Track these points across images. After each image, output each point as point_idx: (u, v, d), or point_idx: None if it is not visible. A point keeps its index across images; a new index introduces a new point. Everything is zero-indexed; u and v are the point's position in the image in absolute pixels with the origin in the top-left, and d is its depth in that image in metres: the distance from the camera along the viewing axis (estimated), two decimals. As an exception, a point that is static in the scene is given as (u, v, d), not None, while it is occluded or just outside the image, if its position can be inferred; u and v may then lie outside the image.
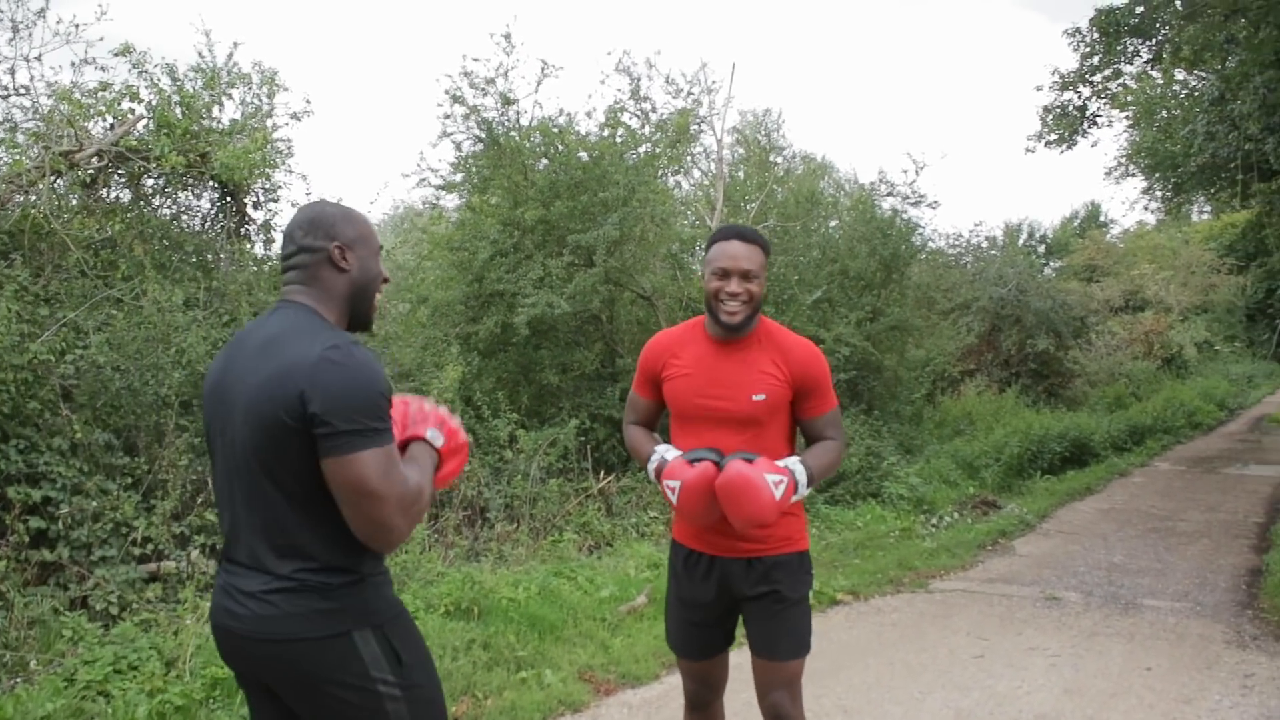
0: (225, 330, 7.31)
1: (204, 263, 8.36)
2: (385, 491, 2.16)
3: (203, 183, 8.27)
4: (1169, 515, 11.50)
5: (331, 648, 2.24)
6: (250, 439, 2.23)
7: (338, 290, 2.40)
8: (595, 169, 10.25)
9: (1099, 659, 6.24)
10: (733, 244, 3.18)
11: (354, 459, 2.14)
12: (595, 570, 7.20)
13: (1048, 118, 13.41)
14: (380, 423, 2.19)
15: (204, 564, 6.00)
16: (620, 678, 5.72)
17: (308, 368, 2.16)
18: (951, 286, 18.37)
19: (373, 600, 2.32)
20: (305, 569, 2.24)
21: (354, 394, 2.16)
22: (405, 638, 2.37)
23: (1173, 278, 28.16)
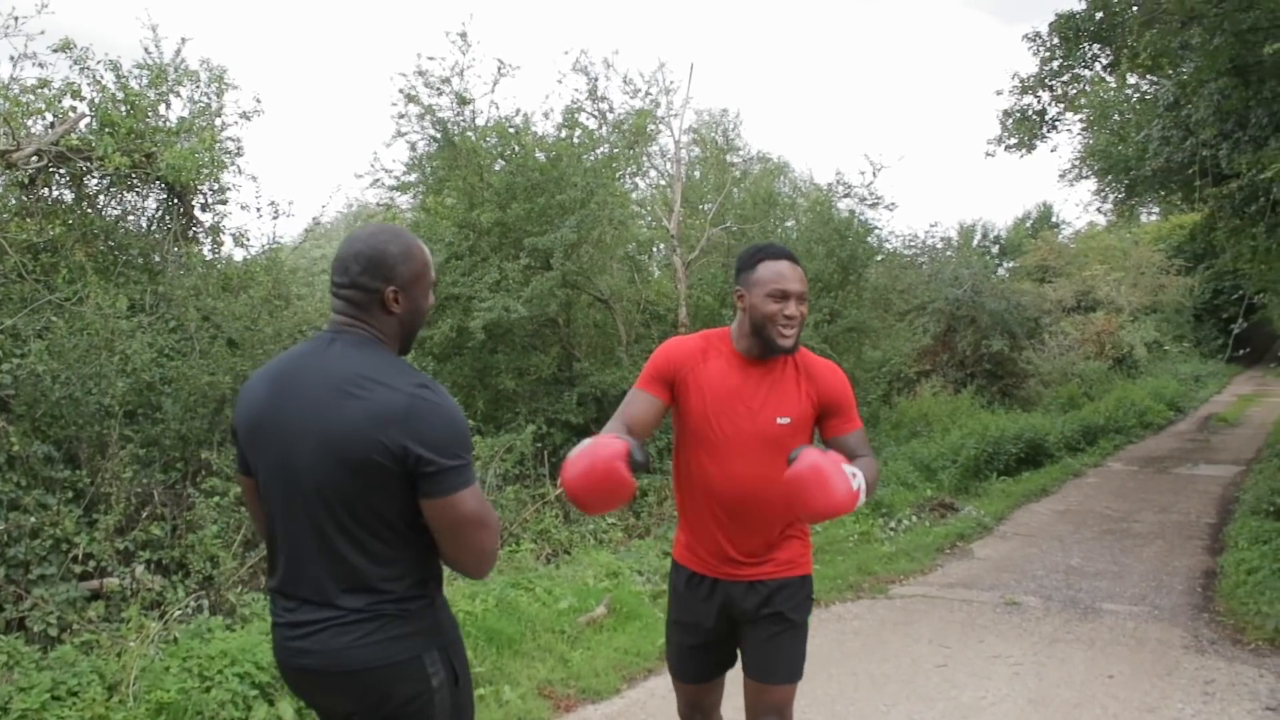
0: (172, 336, 7.11)
1: (149, 266, 8.12)
2: (490, 520, 2.29)
3: (148, 184, 8.03)
4: (1123, 516, 11.57)
5: (405, 672, 2.31)
6: (330, 478, 2.24)
7: (387, 328, 2.40)
8: (553, 170, 10.11)
9: (1061, 667, 6.22)
10: (784, 264, 3.06)
11: (462, 496, 2.22)
12: (554, 580, 7.07)
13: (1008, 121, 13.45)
14: (471, 456, 2.28)
15: (149, 580, 5.80)
16: (580, 693, 5.61)
17: (403, 410, 2.20)
18: (908, 288, 18.41)
19: (442, 622, 2.41)
20: (383, 600, 2.29)
21: (452, 432, 2.23)
22: (462, 659, 2.47)
23: (1123, 278, 28.49)
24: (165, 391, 6.74)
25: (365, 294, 2.35)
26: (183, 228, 8.03)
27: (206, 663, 4.79)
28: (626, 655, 6.13)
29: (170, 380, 6.72)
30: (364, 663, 2.28)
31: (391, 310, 2.36)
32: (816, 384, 3.13)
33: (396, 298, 2.36)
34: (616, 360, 10.92)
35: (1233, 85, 9.34)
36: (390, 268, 2.35)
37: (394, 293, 2.35)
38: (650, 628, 6.64)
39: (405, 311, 2.40)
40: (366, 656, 2.27)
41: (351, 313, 2.36)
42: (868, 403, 14.69)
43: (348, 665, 2.29)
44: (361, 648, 2.28)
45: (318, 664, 2.31)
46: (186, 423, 6.71)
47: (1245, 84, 9.15)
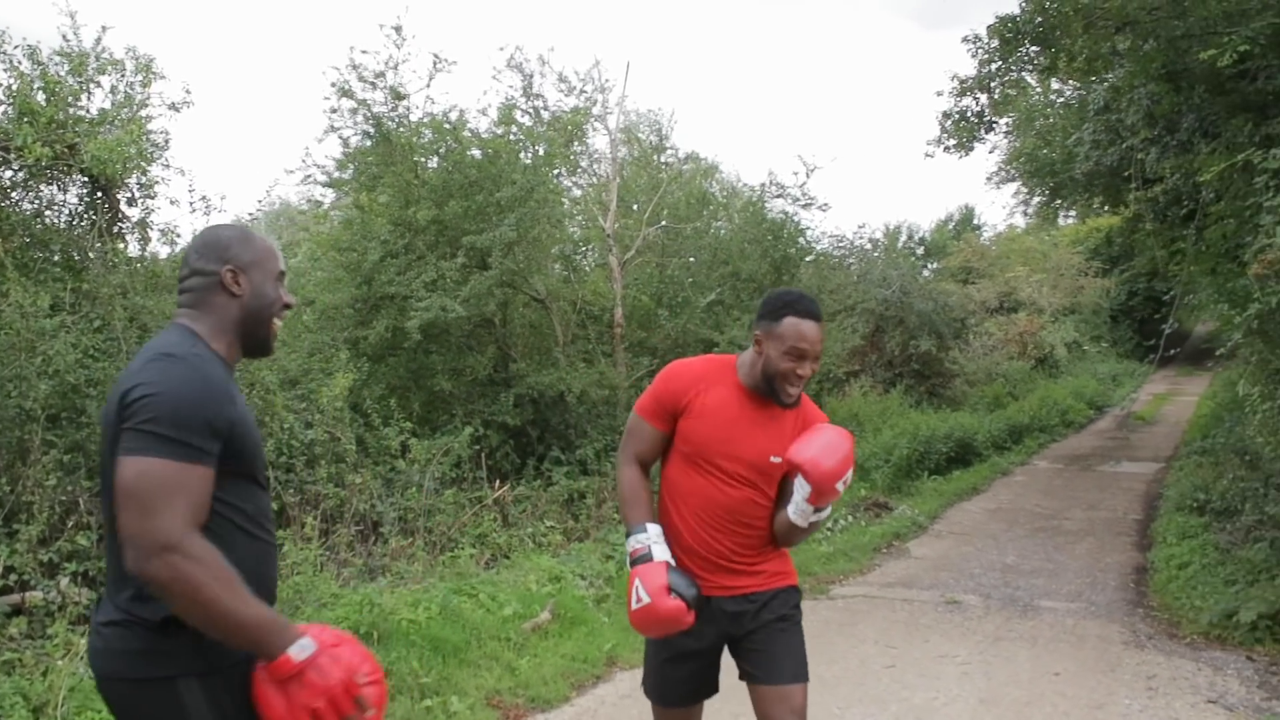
0: (97, 336, 6.80)
1: (71, 262, 7.79)
2: (155, 507, 1.92)
3: (70, 176, 7.69)
4: (1054, 514, 11.75)
5: (151, 693, 2.06)
6: (103, 463, 2.13)
7: (229, 315, 2.29)
8: (490, 168, 9.94)
9: (1008, 665, 6.25)
10: (808, 325, 3.06)
11: (127, 461, 1.95)
12: (496, 586, 6.92)
13: (946, 123, 13.60)
14: (182, 435, 1.98)
15: (75, 594, 5.51)
16: (529, 701, 5.49)
17: (132, 374, 2.07)
18: (837, 288, 18.52)
19: (204, 645, 2.05)
20: (137, 598, 2.05)
21: (165, 399, 2.00)
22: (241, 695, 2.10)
23: (1044, 280, 29.05)
24: (90, 394, 6.44)
25: (204, 278, 2.28)
26: (108, 223, 7.68)
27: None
28: (574, 662, 6.02)
29: (96, 382, 6.42)
30: (110, 671, 2.09)
31: (234, 292, 2.29)
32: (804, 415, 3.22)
33: (237, 279, 2.29)
34: (553, 361, 10.79)
35: (1163, 90, 9.53)
36: (225, 247, 2.31)
37: (231, 272, 2.28)
38: (596, 633, 6.54)
39: (249, 295, 2.31)
40: (114, 666, 2.08)
41: (190, 303, 2.28)
42: (799, 403, 14.68)
43: (100, 670, 2.12)
44: (112, 654, 2.08)
45: (90, 661, 2.17)
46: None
47: (1176, 89, 9.34)
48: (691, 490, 3.19)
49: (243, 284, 2.29)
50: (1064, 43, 9.47)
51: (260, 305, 2.33)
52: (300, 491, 7.30)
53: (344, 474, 7.68)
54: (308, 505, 7.28)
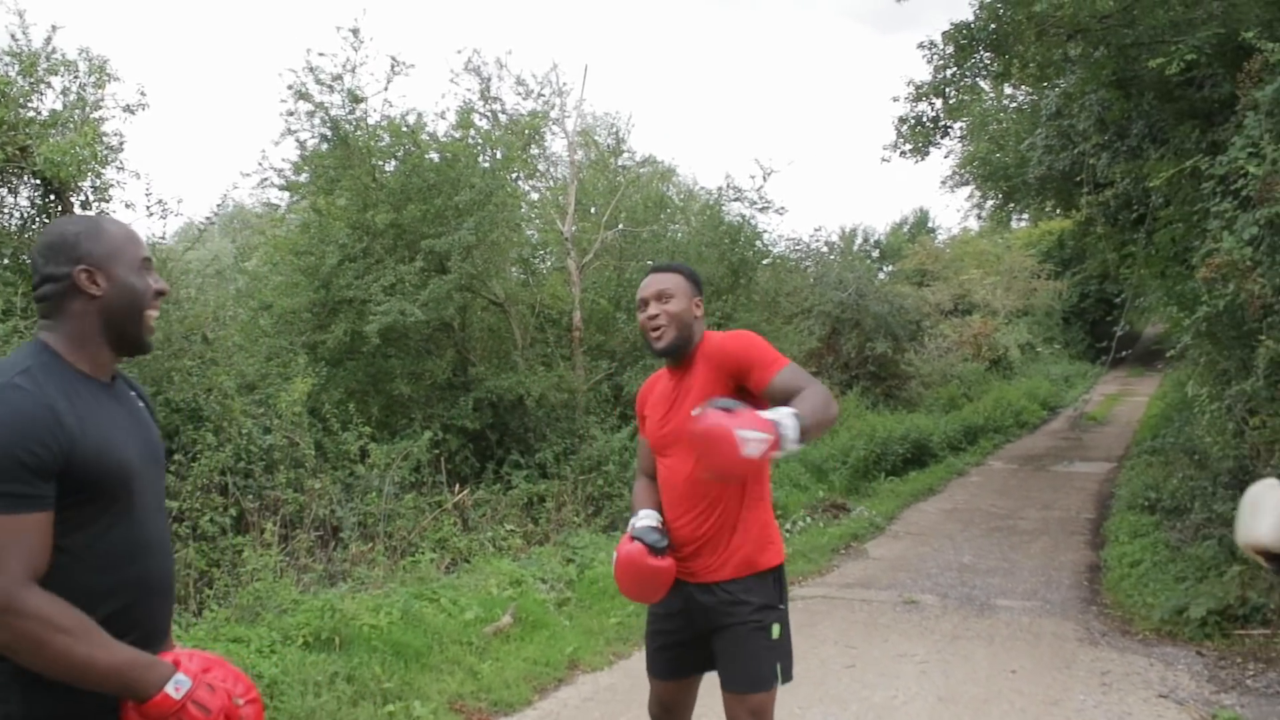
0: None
1: (22, 266, 7.67)
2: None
3: (21, 179, 7.58)
4: (1009, 514, 11.90)
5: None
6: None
7: (90, 318, 2.06)
8: (449, 171, 9.91)
9: (965, 663, 6.33)
10: (649, 276, 3.34)
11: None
12: (457, 590, 6.91)
13: (902, 128, 13.75)
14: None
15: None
16: (492, 705, 5.49)
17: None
18: (794, 291, 18.64)
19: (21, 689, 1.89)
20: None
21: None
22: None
23: (998, 282, 29.40)
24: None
25: (56, 284, 2.04)
26: (61, 226, 7.58)
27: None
28: (536, 665, 6.02)
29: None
30: None
31: (92, 293, 2.05)
32: (713, 357, 3.16)
33: (94, 278, 2.05)
34: (512, 364, 10.78)
35: (1113, 97, 9.70)
36: (74, 245, 2.05)
37: (85, 272, 2.04)
38: (557, 636, 6.55)
39: (111, 293, 2.07)
40: None
41: (47, 313, 2.06)
42: (756, 405, 14.75)
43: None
44: None
45: None
46: (68, 433, 6.34)
47: (1125, 96, 9.51)
48: (662, 481, 3.34)
49: (101, 282, 2.06)
50: (1017, 49, 9.62)
51: (126, 301, 2.09)
52: (259, 497, 7.25)
53: (303, 479, 7.62)
54: (267, 511, 7.22)
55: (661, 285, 3.25)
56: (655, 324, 3.22)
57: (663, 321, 3.20)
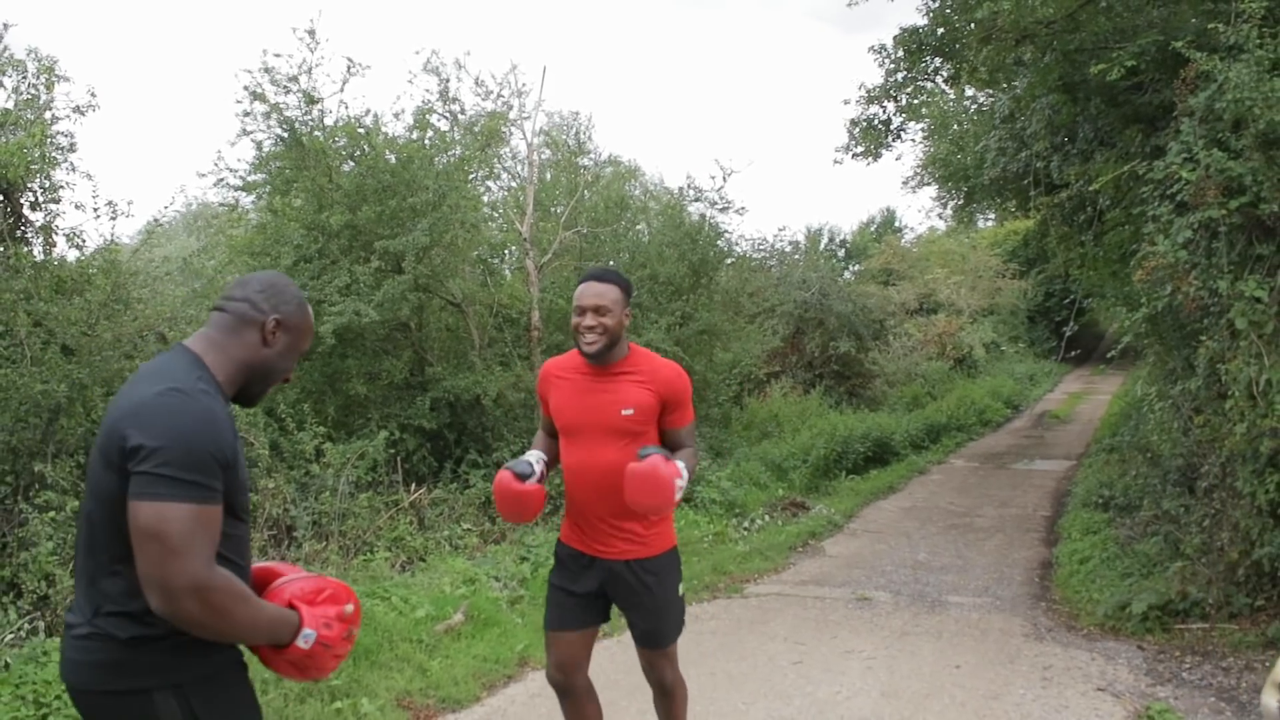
0: (0, 342, 6.69)
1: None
2: (181, 548, 2.00)
3: (-32, 180, 7.53)
4: (966, 512, 12.02)
5: (126, 704, 2.13)
6: (92, 478, 2.19)
7: (248, 357, 2.34)
8: (404, 172, 9.92)
9: (911, 659, 6.42)
10: (588, 284, 3.65)
11: (159, 506, 2.01)
12: (410, 589, 6.94)
13: (855, 130, 13.88)
14: (198, 477, 2.04)
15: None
16: (440, 702, 5.54)
17: (138, 405, 2.08)
18: (757, 290, 18.74)
19: (185, 659, 2.16)
20: (107, 614, 2.12)
21: (177, 440, 2.04)
22: (214, 703, 2.21)
23: (963, 282, 29.63)
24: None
25: (252, 310, 2.33)
26: (10, 227, 7.54)
27: (42, 688, 4.55)
28: (485, 663, 6.07)
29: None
30: (82, 683, 2.17)
31: (267, 341, 2.35)
32: (657, 379, 3.66)
33: (276, 330, 2.35)
34: (469, 364, 10.80)
35: (1062, 101, 9.83)
36: (285, 301, 2.38)
37: (276, 323, 2.35)
38: (509, 634, 6.60)
39: (274, 353, 2.37)
40: (87, 678, 2.16)
41: (222, 329, 2.32)
42: (719, 404, 14.88)
43: (72, 682, 2.20)
44: (84, 667, 2.16)
45: (62, 672, 2.24)
46: (17, 434, 6.33)
47: (1074, 100, 9.64)
48: (569, 466, 3.76)
49: (277, 339, 2.36)
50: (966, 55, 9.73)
51: (277, 367, 2.40)
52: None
53: (257, 479, 7.64)
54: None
55: (600, 300, 3.58)
56: (590, 335, 3.58)
57: (598, 334, 3.57)
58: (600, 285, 3.62)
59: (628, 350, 3.71)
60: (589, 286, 3.63)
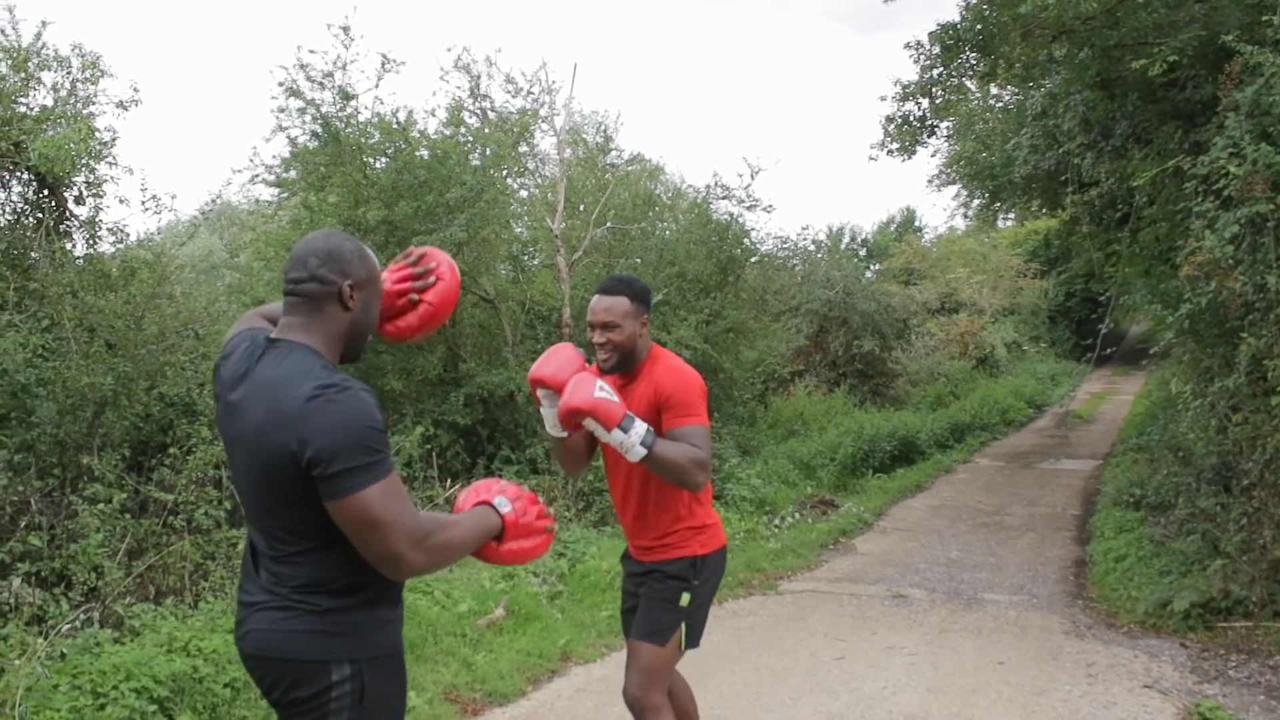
0: (46, 335, 6.73)
1: (14, 260, 7.68)
2: (389, 520, 2.17)
3: (13, 174, 7.59)
4: (995, 510, 12.01)
5: (305, 671, 2.29)
6: (250, 471, 2.31)
7: (338, 327, 2.39)
8: (440, 169, 9.95)
9: (953, 655, 6.42)
10: (597, 298, 3.55)
11: (356, 498, 2.16)
12: (450, 583, 6.97)
13: (889, 127, 13.86)
14: (375, 456, 2.18)
15: (29, 594, 5.47)
16: (486, 696, 5.55)
17: (297, 413, 2.17)
18: (781, 289, 18.72)
19: (366, 636, 2.32)
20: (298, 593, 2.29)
21: (346, 433, 2.16)
22: (386, 682, 2.37)
23: (985, 281, 29.51)
24: (39, 394, 6.38)
25: (323, 287, 2.35)
26: (55, 221, 7.59)
27: (99, 679, 4.57)
28: (529, 657, 6.09)
29: (46, 382, 6.36)
30: (270, 649, 2.31)
31: (348, 306, 2.38)
32: (655, 383, 3.49)
33: (353, 294, 2.38)
34: (502, 360, 10.82)
35: (1098, 97, 9.80)
36: (348, 262, 2.38)
37: (350, 287, 2.37)
38: (550, 629, 6.62)
39: (359, 311, 2.42)
40: (274, 645, 2.31)
41: (305, 312, 2.37)
42: (744, 402, 14.89)
43: (256, 648, 2.34)
44: (272, 635, 2.31)
45: (245, 645, 2.38)
46: (64, 426, 6.36)
47: (1110, 96, 9.61)
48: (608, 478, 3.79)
49: (356, 300, 2.39)
50: (1003, 50, 9.70)
51: (366, 321, 2.46)
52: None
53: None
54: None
55: (609, 316, 3.49)
56: (601, 353, 3.53)
57: (608, 350, 3.51)
58: (609, 299, 3.52)
59: (646, 355, 3.60)
60: (598, 301, 3.54)
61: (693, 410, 3.44)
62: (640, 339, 3.54)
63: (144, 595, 5.96)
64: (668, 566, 3.59)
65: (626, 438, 3.19)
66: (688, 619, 3.57)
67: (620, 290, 3.54)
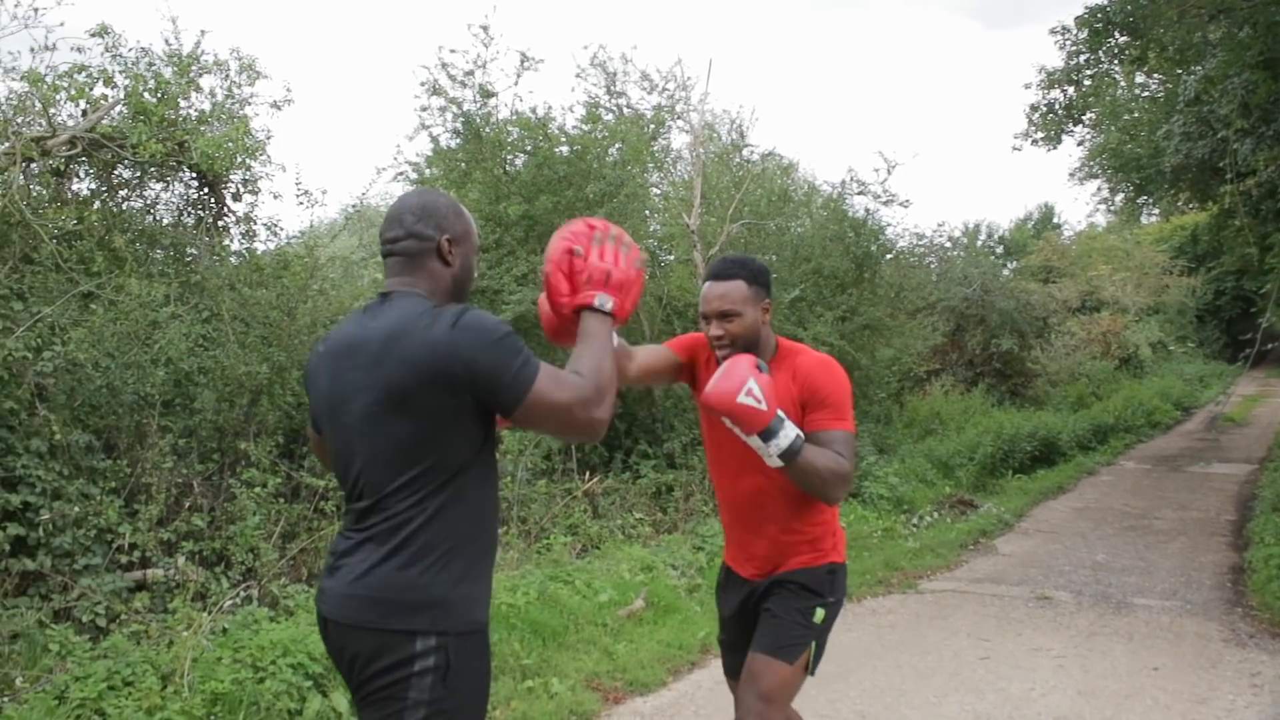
0: (206, 326, 7.05)
1: (180, 256, 8.07)
2: (569, 399, 2.18)
3: (177, 173, 7.97)
4: (1143, 514, 11.58)
5: (386, 641, 2.19)
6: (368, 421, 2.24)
7: (441, 283, 2.37)
8: (579, 164, 10.08)
9: (1104, 659, 6.20)
10: (710, 284, 3.11)
11: (536, 392, 2.16)
12: (591, 574, 7.04)
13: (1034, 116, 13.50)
14: (524, 352, 2.19)
15: (193, 571, 5.74)
16: (628, 685, 5.58)
17: (448, 341, 2.15)
18: (918, 285, 18.41)
19: (454, 608, 2.23)
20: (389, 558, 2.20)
21: (501, 344, 2.16)
22: (471, 659, 2.26)
23: (1127, 279, 28.55)
24: (200, 382, 6.69)
25: (420, 243, 2.35)
26: (214, 217, 7.97)
27: (258, 653, 4.75)
28: (669, 648, 6.10)
29: (206, 370, 6.67)
30: (348, 616, 2.23)
31: (447, 260, 2.37)
32: (800, 378, 3.06)
33: (451, 249, 2.37)
34: (638, 356, 10.88)
35: (1260, 79, 9.32)
36: (443, 216, 2.38)
37: (448, 241, 2.36)
38: (690, 621, 6.63)
39: (459, 267, 2.41)
40: (359, 615, 2.21)
41: (407, 270, 2.35)
42: (880, 400, 14.70)
43: (340, 616, 2.25)
44: (360, 603, 2.21)
45: (324, 607, 2.31)
46: (223, 413, 6.66)
47: (1273, 77, 9.13)
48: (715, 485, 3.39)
49: (455, 255, 2.37)
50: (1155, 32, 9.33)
51: (465, 276, 2.44)
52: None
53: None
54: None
55: (725, 304, 3.05)
56: (719, 348, 3.08)
57: (725, 344, 3.07)
58: (723, 285, 3.07)
59: (774, 349, 3.17)
60: (711, 288, 3.09)
61: (844, 414, 3.03)
62: (764, 327, 3.11)
63: (296, 577, 6.19)
64: (801, 576, 3.13)
65: (771, 444, 2.83)
66: (818, 638, 3.10)
67: (736, 273, 3.08)
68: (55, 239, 6.82)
